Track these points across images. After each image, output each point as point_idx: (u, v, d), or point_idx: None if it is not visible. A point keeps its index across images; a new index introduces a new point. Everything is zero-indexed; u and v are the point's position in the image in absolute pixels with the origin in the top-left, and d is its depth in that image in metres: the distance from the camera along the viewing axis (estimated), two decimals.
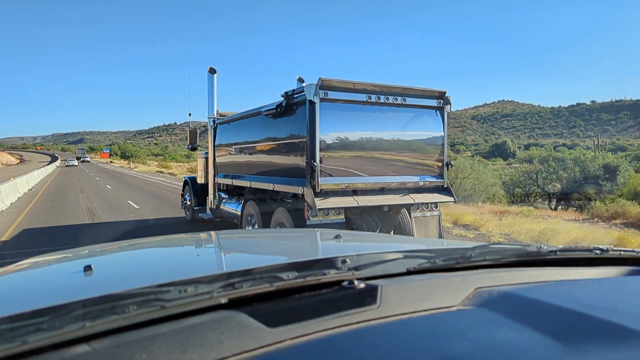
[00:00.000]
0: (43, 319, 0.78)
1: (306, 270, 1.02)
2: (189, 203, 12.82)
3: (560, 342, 0.82)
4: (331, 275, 1.02)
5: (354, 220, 7.27)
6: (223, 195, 10.87)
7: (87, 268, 1.29)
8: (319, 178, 6.63)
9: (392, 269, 1.16)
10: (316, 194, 6.60)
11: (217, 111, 11.14)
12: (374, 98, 6.97)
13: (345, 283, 1.03)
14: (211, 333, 0.81)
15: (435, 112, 7.71)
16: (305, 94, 6.67)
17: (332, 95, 6.66)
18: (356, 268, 1.09)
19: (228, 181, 10.10)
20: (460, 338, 0.84)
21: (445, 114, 7.74)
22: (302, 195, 6.81)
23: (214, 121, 11.07)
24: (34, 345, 0.74)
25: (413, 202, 7.35)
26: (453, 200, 7.74)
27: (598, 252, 1.35)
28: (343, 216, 7.02)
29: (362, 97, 6.91)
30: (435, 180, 7.71)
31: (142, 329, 0.82)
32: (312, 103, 6.58)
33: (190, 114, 12.88)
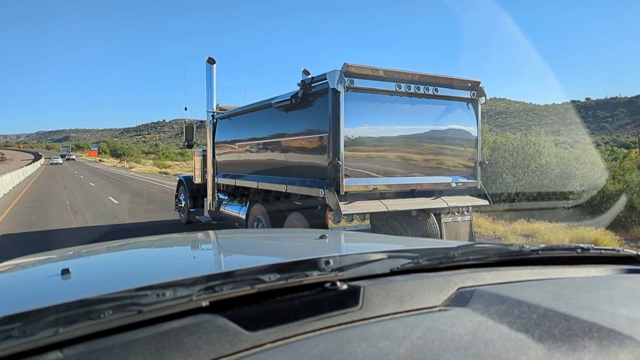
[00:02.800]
0: (14, 325, 0.76)
1: (288, 272, 1.00)
2: (183, 204, 11.88)
3: (541, 342, 0.81)
4: (313, 276, 1.01)
5: (379, 226, 6.43)
6: (224, 196, 9.96)
7: (65, 271, 1.23)
8: (344, 179, 5.77)
9: (375, 270, 1.14)
10: (340, 197, 5.74)
11: (217, 105, 10.23)
12: (403, 88, 6.12)
13: (327, 284, 1.01)
14: (188, 338, 0.79)
15: (467, 104, 6.90)
16: (327, 82, 5.80)
17: (358, 83, 5.80)
18: (339, 269, 1.07)
19: (230, 181, 9.19)
20: (440, 338, 0.82)
21: (479, 107, 6.92)
22: (323, 198, 5.95)
23: (213, 116, 10.14)
24: (4, 353, 0.72)
25: (447, 205, 6.53)
26: (488, 203, 6.93)
27: (579, 250, 1.35)
28: (368, 222, 6.18)
29: (391, 87, 6.06)
30: (467, 181, 6.89)
31: (117, 334, 0.79)
32: (335, 92, 5.71)
33: (186, 108, 11.99)
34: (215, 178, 10.01)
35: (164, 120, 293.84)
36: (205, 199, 10.75)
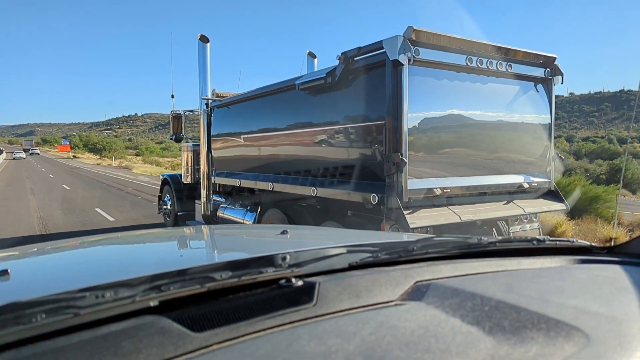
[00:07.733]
0: None
1: (242, 269, 0.97)
2: (169, 207, 10.28)
3: (490, 334, 0.81)
4: (268, 273, 0.98)
5: None
6: (221, 198, 8.45)
7: (3, 272, 1.13)
8: (408, 181, 4.37)
9: (334, 265, 1.12)
10: (403, 205, 4.34)
11: (214, 91, 8.67)
12: (474, 62, 4.75)
13: (283, 281, 0.98)
14: (127, 341, 0.74)
15: (537, 85, 5.59)
16: (384, 52, 4.37)
17: (424, 54, 4.40)
18: (297, 265, 1.04)
19: (232, 181, 7.66)
20: (392, 334, 0.81)
21: (553, 89, 5.62)
22: (376, 205, 4.54)
23: (207, 104, 8.58)
24: None
25: (523, 212, 5.21)
26: (565, 207, 5.65)
27: (535, 242, 1.37)
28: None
29: (461, 60, 4.69)
30: (540, 180, 5.59)
31: (50, 340, 0.74)
32: (397, 65, 4.28)
33: (173, 96, 10.33)
34: (212, 177, 8.48)
35: (135, 114, 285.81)
36: (197, 202, 9.22)
